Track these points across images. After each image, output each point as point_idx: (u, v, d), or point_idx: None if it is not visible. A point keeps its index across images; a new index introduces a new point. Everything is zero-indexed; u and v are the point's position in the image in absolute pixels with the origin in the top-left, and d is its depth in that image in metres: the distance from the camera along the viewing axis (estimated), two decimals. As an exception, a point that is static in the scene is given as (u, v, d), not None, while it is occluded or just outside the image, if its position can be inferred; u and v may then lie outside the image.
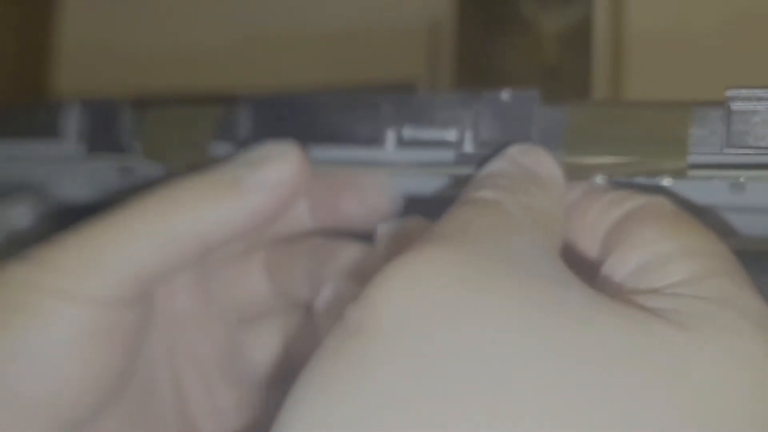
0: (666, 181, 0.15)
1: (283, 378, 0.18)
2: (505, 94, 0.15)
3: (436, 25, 0.95)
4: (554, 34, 0.99)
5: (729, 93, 0.14)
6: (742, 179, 0.14)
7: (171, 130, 0.18)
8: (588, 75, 0.90)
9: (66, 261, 0.14)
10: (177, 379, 0.17)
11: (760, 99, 0.14)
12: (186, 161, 0.19)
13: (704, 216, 0.15)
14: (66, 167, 0.20)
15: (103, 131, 0.19)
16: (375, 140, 0.16)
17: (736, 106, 0.14)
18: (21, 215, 0.29)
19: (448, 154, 0.16)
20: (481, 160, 0.15)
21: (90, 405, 0.15)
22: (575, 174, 0.16)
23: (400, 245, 0.12)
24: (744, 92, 0.14)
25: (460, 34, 0.98)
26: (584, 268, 0.13)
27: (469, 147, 0.16)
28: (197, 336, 0.17)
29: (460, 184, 0.16)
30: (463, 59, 1.00)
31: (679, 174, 0.15)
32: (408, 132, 0.16)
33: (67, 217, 0.29)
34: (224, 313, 0.18)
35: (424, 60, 1.03)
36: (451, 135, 0.16)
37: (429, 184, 0.17)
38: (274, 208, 0.16)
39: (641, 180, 0.15)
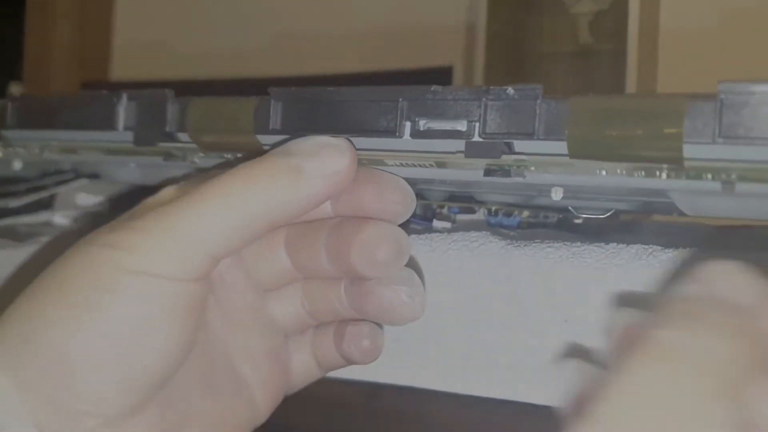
0: (663, 179, 0.16)
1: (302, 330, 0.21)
2: (511, 89, 0.16)
3: (472, 7, 0.95)
4: (588, 16, 0.98)
5: (720, 86, 0.15)
6: (733, 176, 0.15)
7: (212, 120, 0.20)
8: (623, 56, 0.89)
9: (150, 245, 0.16)
10: (222, 331, 0.19)
11: (750, 93, 0.15)
12: (226, 148, 0.21)
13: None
14: (117, 153, 0.22)
15: (150, 121, 0.21)
16: (393, 131, 0.18)
17: (727, 98, 0.15)
18: (83, 198, 0.32)
19: (458, 144, 0.17)
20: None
21: (172, 365, 0.17)
22: (579, 165, 0.17)
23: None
24: (735, 86, 0.15)
25: (493, 15, 0.98)
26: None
27: (477, 137, 0.17)
28: (234, 294, 0.19)
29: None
30: (496, 40, 1.00)
31: (676, 164, 0.16)
32: (422, 123, 0.17)
33: (120, 198, 0.32)
34: (254, 278, 0.20)
35: (461, 41, 1.03)
36: (461, 126, 0.17)
37: (441, 173, 0.19)
38: (329, 193, 0.18)
39: (640, 176, 0.16)
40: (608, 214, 0.25)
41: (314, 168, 0.17)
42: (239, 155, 0.21)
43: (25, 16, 0.89)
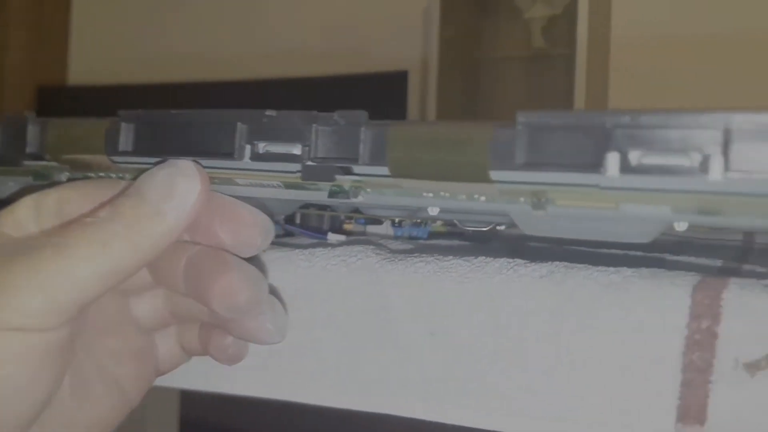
0: (483, 202, 0.17)
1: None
2: (337, 116, 0.17)
3: (427, 12, 0.95)
4: (541, 21, 0.99)
5: (519, 116, 0.15)
6: (542, 200, 0.16)
7: (68, 142, 0.20)
8: (572, 60, 0.89)
9: (21, 301, 0.17)
10: (89, 339, 0.20)
11: (547, 121, 0.15)
12: (86, 168, 0.21)
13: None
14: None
15: (12, 142, 0.21)
16: (232, 153, 0.18)
17: (524, 128, 0.15)
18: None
19: (295, 166, 0.18)
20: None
21: (45, 402, 0.18)
22: (407, 188, 0.17)
23: None
24: (532, 115, 0.15)
25: (446, 20, 0.98)
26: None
27: (309, 161, 0.17)
28: (98, 303, 0.19)
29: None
30: (450, 45, 1.00)
31: (487, 193, 0.16)
32: (261, 146, 0.18)
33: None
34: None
35: (418, 46, 1.03)
36: (296, 150, 0.17)
37: (289, 194, 0.19)
38: (189, 223, 0.18)
39: (461, 199, 0.17)
40: (489, 227, 0.25)
41: (173, 207, 0.18)
42: (101, 174, 0.21)
43: (-21, 21, 0.89)
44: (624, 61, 0.89)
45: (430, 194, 0.17)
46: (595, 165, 0.15)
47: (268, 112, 0.18)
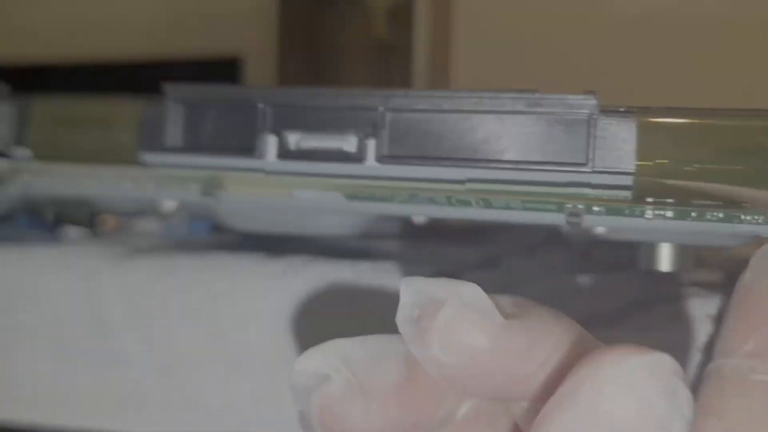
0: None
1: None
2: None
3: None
4: (383, 9, 0.98)
5: (170, 90, 0.13)
6: (210, 185, 0.14)
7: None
8: (413, 50, 0.89)
9: None
10: None
11: (203, 99, 0.13)
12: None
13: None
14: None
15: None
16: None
17: (180, 103, 0.13)
18: None
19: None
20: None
21: None
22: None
23: None
24: (187, 89, 0.13)
25: (286, 6, 0.95)
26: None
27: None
28: None
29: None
30: (290, 32, 0.97)
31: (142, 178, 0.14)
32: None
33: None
34: None
35: (253, 31, 0.99)
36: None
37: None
38: None
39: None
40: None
41: None
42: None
43: None
44: (466, 50, 0.90)
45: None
46: (251, 149, 0.13)
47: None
